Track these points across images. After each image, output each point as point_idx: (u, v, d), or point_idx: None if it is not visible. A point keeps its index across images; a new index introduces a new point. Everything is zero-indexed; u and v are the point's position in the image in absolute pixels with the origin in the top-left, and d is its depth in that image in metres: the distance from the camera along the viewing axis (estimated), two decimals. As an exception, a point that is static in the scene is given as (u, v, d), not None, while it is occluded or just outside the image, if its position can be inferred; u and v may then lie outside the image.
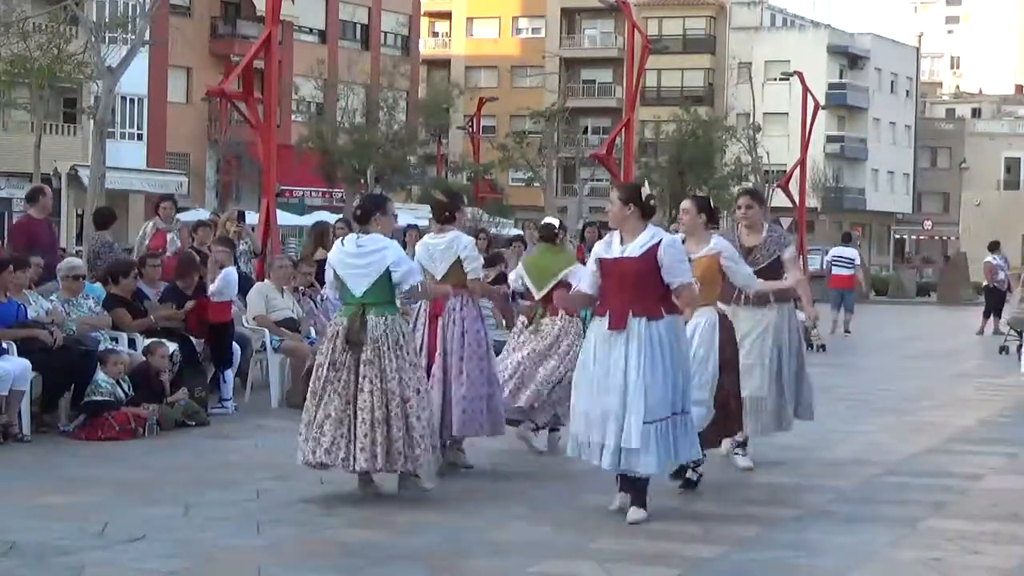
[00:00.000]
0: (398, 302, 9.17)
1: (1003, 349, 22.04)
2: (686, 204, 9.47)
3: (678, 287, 8.23)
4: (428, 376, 9.49)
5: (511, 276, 11.17)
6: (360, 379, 8.73)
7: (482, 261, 10.06)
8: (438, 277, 9.77)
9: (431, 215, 10.47)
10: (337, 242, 9.37)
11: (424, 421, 8.87)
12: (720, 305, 9.42)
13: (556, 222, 11.22)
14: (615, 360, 8.10)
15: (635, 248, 8.20)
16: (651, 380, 8.06)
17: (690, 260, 8.63)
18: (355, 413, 8.70)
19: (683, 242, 8.84)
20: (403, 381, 8.80)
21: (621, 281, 8.20)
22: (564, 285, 10.20)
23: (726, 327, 9.32)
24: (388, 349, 8.78)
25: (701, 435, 8.78)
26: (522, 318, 11.07)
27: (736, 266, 9.35)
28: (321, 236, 17.65)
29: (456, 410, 9.69)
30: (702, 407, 8.94)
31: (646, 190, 8.36)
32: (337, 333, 8.88)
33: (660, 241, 8.20)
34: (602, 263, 8.32)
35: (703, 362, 9.03)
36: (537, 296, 10.83)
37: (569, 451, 8.48)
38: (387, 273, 8.86)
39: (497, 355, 10.51)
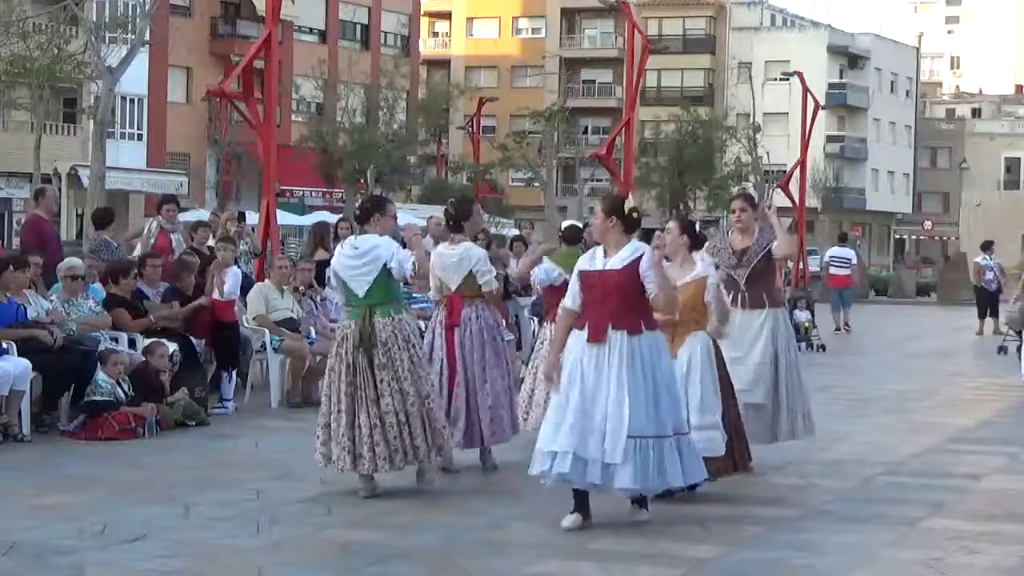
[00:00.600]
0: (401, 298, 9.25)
1: (1002, 349, 22.02)
2: (670, 225, 9.37)
3: (655, 297, 8.09)
4: (452, 386, 9.71)
5: (538, 273, 11.02)
6: (378, 383, 8.84)
7: (495, 272, 10.12)
8: (452, 288, 9.89)
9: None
10: (339, 246, 9.46)
11: (443, 412, 9.14)
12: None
13: (581, 224, 11.21)
14: (598, 375, 8.00)
15: (617, 261, 8.11)
16: (632, 395, 7.96)
17: (674, 288, 8.49)
18: (381, 418, 8.81)
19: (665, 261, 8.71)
20: (419, 378, 8.93)
21: (603, 294, 8.10)
22: None
23: (717, 351, 9.26)
24: (400, 350, 8.88)
25: (718, 460, 8.78)
26: None
27: (712, 293, 9.05)
28: (321, 236, 17.66)
29: (484, 419, 9.85)
30: (716, 431, 8.91)
31: (630, 203, 8.32)
32: (347, 336, 8.95)
33: (642, 255, 8.10)
34: (583, 276, 8.22)
35: (710, 387, 8.95)
36: None
37: (538, 470, 8.05)
38: (386, 271, 8.92)
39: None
